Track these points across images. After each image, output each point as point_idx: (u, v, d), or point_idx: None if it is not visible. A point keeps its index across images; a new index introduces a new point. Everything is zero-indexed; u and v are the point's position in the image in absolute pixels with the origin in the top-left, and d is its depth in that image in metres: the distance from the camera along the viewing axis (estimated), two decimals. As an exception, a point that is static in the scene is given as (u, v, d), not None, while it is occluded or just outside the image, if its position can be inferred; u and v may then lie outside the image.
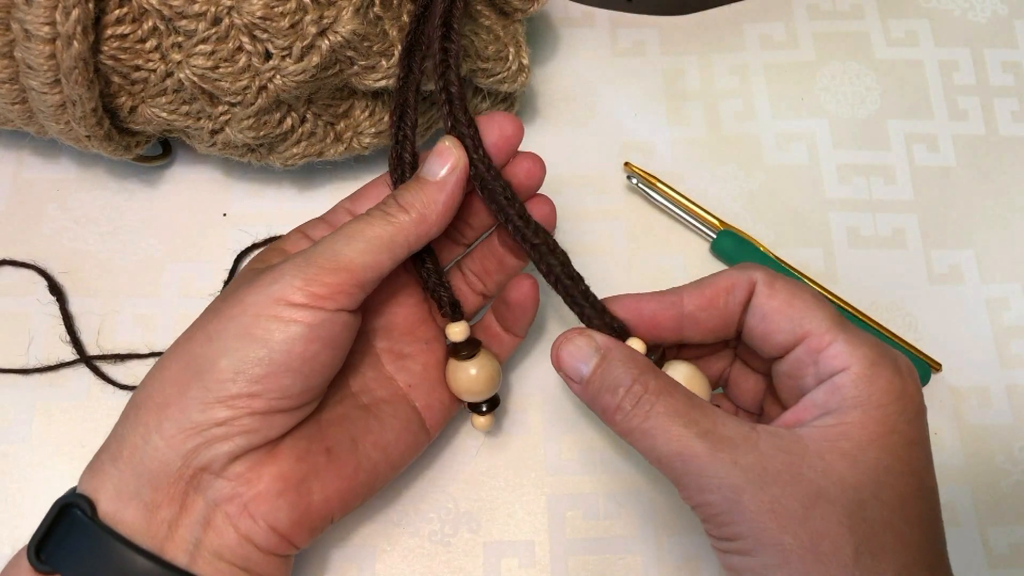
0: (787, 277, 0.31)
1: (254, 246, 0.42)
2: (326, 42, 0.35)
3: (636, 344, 0.32)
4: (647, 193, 0.43)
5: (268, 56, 0.35)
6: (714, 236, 0.43)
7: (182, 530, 0.30)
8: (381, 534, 0.38)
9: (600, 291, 0.42)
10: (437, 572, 0.37)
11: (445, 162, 0.33)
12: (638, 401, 0.29)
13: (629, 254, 0.43)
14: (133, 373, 0.40)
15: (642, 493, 0.39)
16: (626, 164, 0.44)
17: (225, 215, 0.43)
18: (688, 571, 0.37)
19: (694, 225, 0.43)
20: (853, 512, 0.27)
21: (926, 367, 0.41)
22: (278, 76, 0.35)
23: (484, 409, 0.37)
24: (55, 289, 0.41)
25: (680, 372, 0.32)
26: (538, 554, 0.38)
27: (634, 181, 0.44)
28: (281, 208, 0.43)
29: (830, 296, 0.42)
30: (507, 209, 0.33)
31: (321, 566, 0.37)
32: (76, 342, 0.40)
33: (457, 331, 0.35)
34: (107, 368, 0.40)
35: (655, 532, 0.38)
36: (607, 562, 0.37)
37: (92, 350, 0.40)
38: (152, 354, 0.40)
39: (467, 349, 0.35)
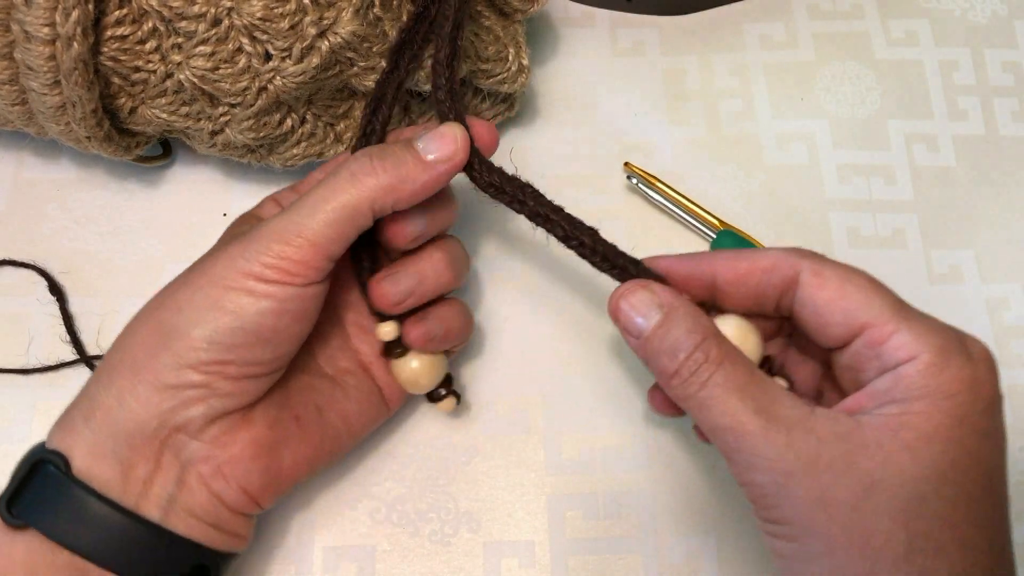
0: (838, 262, 0.30)
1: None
2: (326, 43, 0.35)
3: None
4: (647, 193, 0.43)
5: (268, 57, 0.35)
6: (714, 236, 0.43)
7: (157, 487, 0.31)
8: (381, 534, 0.38)
9: (601, 291, 0.42)
10: (437, 572, 0.37)
11: (443, 148, 0.32)
12: (697, 369, 0.28)
13: (629, 254, 0.43)
14: (133, 373, 0.40)
15: (642, 493, 0.39)
16: (626, 164, 0.44)
17: (225, 215, 0.43)
18: (688, 571, 0.37)
19: (694, 225, 0.43)
20: (910, 507, 0.26)
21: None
22: (278, 77, 0.35)
23: (442, 393, 0.37)
24: (55, 289, 0.41)
25: (730, 325, 0.31)
26: (538, 554, 0.38)
27: (634, 181, 0.44)
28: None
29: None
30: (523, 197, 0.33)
31: (321, 566, 0.37)
32: (76, 342, 0.40)
33: (387, 331, 0.35)
34: (107, 368, 0.40)
35: (655, 532, 0.38)
36: (607, 562, 0.37)
37: (92, 350, 0.40)
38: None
39: (400, 346, 0.35)
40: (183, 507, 0.31)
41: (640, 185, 0.43)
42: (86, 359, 0.40)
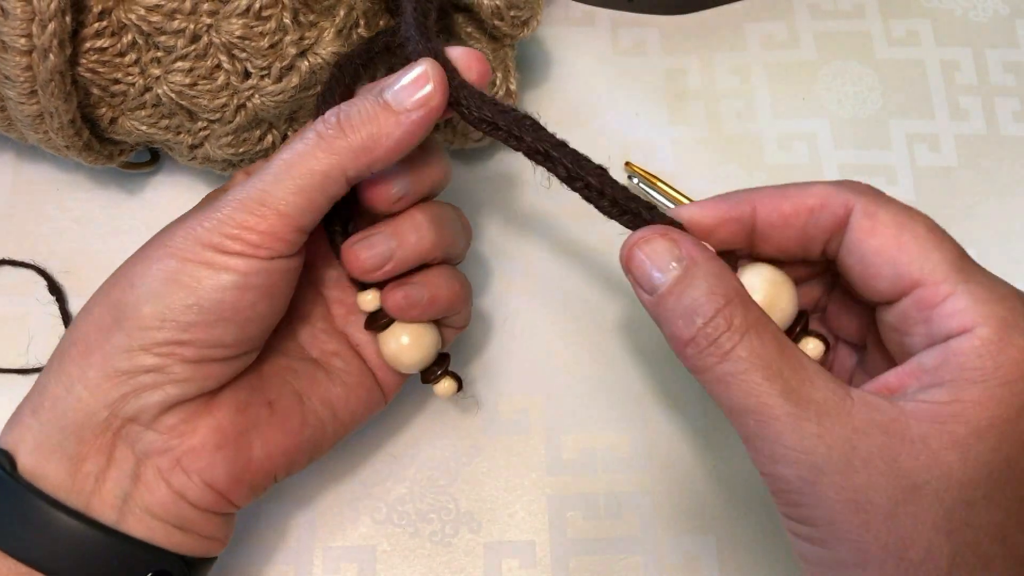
0: (898, 203, 0.25)
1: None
2: (306, 63, 0.34)
3: None
4: (648, 193, 0.43)
5: (247, 75, 0.34)
6: (715, 236, 0.42)
7: (109, 484, 0.27)
8: (381, 534, 0.38)
9: (601, 290, 0.42)
10: (437, 572, 0.37)
11: (416, 92, 0.28)
12: (717, 339, 0.24)
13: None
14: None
15: (643, 493, 0.38)
16: (627, 164, 0.44)
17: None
18: (689, 571, 0.37)
19: (695, 225, 0.43)
20: (955, 515, 0.22)
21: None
22: (257, 95, 0.34)
23: (439, 373, 0.33)
24: (55, 289, 0.41)
25: (760, 278, 0.27)
26: (539, 554, 0.37)
27: (635, 181, 0.43)
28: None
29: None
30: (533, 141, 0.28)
31: (321, 566, 0.37)
32: (76, 342, 0.40)
33: (367, 299, 0.31)
34: (107, 368, 0.40)
35: (656, 532, 0.38)
36: (608, 562, 0.37)
37: (92, 350, 0.40)
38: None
39: (383, 317, 0.32)
40: (140, 506, 0.28)
41: (641, 185, 0.43)
42: (86, 359, 0.40)
